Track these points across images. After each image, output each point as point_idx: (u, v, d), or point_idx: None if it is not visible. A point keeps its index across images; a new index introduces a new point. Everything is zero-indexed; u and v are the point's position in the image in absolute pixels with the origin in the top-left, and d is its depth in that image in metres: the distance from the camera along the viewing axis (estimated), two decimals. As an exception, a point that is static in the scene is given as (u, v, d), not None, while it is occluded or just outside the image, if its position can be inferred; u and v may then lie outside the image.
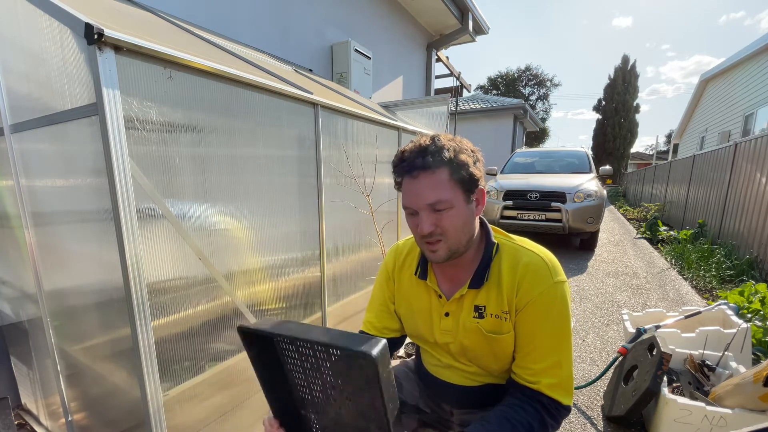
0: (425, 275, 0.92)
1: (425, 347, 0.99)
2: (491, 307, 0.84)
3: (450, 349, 0.90)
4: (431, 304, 0.92)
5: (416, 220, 0.80)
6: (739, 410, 1.41)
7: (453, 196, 0.77)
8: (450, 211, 0.78)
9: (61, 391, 1.39)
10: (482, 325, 0.84)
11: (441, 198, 0.76)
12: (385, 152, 2.19)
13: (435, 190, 0.76)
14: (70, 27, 0.88)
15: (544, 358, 0.79)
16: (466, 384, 0.92)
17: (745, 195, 4.09)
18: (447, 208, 0.77)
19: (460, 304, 0.87)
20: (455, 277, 0.89)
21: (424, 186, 0.77)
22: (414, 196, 0.78)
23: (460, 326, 0.86)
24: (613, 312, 3.05)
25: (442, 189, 0.77)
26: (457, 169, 0.77)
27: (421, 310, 0.94)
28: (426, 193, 0.77)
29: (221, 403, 1.27)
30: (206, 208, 1.19)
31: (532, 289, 0.80)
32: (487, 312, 0.84)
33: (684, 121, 14.12)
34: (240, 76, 1.20)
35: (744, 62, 8.82)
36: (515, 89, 30.00)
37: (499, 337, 0.83)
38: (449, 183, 0.77)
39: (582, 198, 4.62)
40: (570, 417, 1.81)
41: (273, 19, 3.01)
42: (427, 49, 5.72)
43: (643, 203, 9.56)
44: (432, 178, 0.77)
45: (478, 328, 0.84)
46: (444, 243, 0.79)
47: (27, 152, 1.26)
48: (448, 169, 0.77)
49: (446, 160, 0.76)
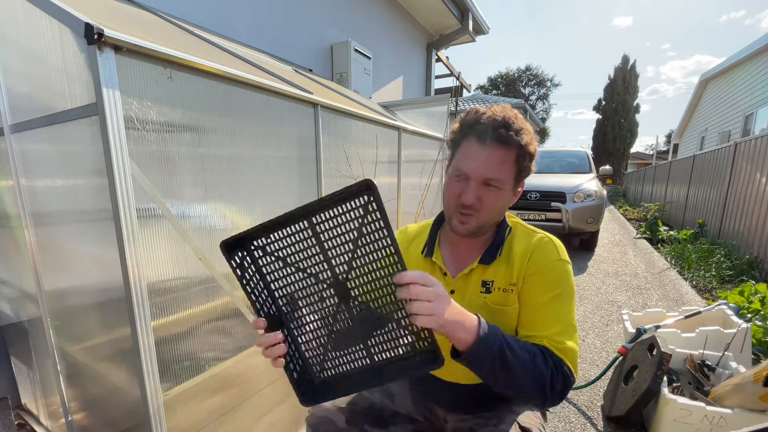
0: (432, 253, 0.93)
1: None
2: (499, 281, 0.84)
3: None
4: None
5: (461, 186, 0.79)
6: (739, 410, 1.41)
7: (508, 179, 0.78)
8: (498, 191, 0.78)
9: (61, 391, 1.39)
10: (489, 299, 0.84)
11: (500, 176, 0.77)
12: (385, 152, 2.19)
13: (499, 165, 0.76)
14: (70, 27, 0.88)
15: (550, 326, 0.77)
16: (461, 381, 0.91)
17: (745, 195, 4.09)
18: (497, 187, 0.78)
19: (467, 281, 0.88)
20: (463, 256, 0.90)
21: (492, 158, 0.76)
22: (475, 162, 0.77)
23: (466, 303, 0.85)
24: (613, 312, 3.05)
25: (505, 168, 0.77)
26: (524, 155, 0.78)
27: None
28: (491, 165, 0.76)
29: (221, 403, 1.27)
30: (206, 208, 1.18)
31: (540, 260, 0.81)
32: (495, 286, 0.84)
33: (684, 121, 14.12)
34: (240, 76, 1.20)
35: (744, 62, 8.82)
36: (515, 89, 30.01)
37: (505, 309, 0.83)
38: (513, 165, 0.78)
39: (582, 198, 4.62)
40: (570, 417, 1.81)
41: (273, 19, 3.01)
42: (427, 49, 5.72)
43: (643, 203, 9.56)
44: (501, 153, 0.76)
45: (485, 302, 0.84)
46: (476, 218, 0.80)
47: (27, 152, 1.26)
48: (517, 152, 0.77)
49: (522, 143, 0.76)
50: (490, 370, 0.68)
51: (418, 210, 2.51)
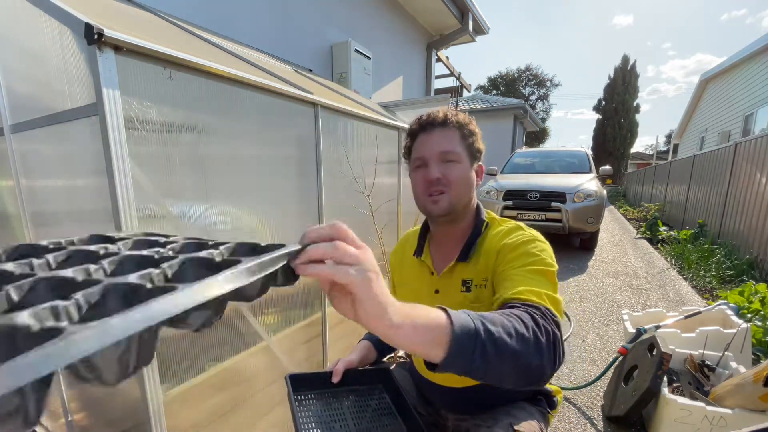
0: (421, 253, 0.95)
1: None
2: (476, 279, 0.86)
3: None
4: (425, 282, 0.94)
5: (424, 172, 0.86)
6: (739, 410, 1.41)
7: (462, 152, 0.85)
8: (457, 164, 0.85)
9: (61, 391, 1.40)
10: (469, 297, 0.86)
11: (452, 149, 0.84)
12: (385, 152, 2.19)
13: (449, 141, 0.85)
14: (70, 27, 0.88)
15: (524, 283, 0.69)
16: (455, 385, 0.91)
17: (745, 195, 4.09)
18: (455, 161, 0.84)
19: (450, 279, 0.89)
20: (447, 253, 0.91)
21: (438, 137, 0.85)
22: (426, 146, 0.86)
23: (449, 303, 0.84)
24: (613, 312, 3.05)
25: (454, 142, 0.85)
26: (467, 135, 0.86)
27: (417, 289, 0.96)
28: (440, 142, 0.85)
29: (221, 403, 1.27)
30: (206, 208, 1.18)
31: (505, 238, 0.83)
32: (473, 284, 0.86)
33: (684, 121, 14.13)
34: (240, 76, 1.20)
35: (744, 62, 8.82)
36: (515, 89, 30.02)
37: (480, 306, 0.83)
38: (460, 142, 0.86)
39: (582, 198, 4.62)
40: (570, 417, 1.81)
41: (273, 19, 3.01)
42: (427, 49, 5.72)
43: (643, 203, 9.55)
44: (445, 133, 0.85)
45: (465, 301, 0.86)
46: (447, 195, 0.84)
47: (27, 152, 1.26)
48: (460, 132, 0.86)
49: (460, 123, 0.86)
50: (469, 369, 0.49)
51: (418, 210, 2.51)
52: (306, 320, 1.69)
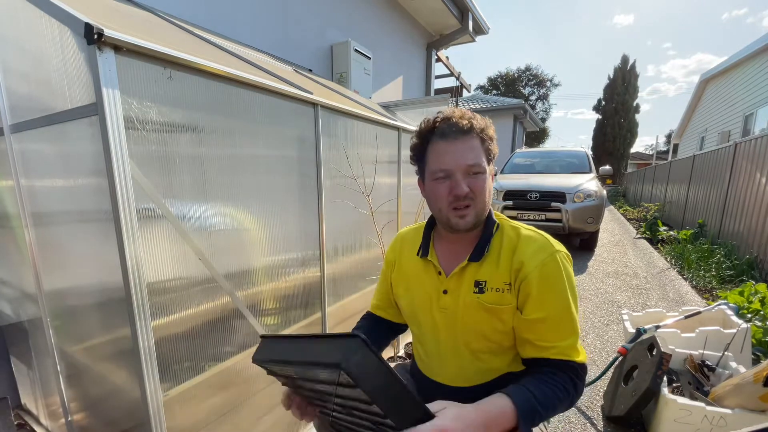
0: (427, 252, 0.94)
1: (419, 335, 0.98)
2: (492, 282, 0.85)
3: (443, 330, 0.90)
4: (431, 282, 0.93)
5: (449, 184, 0.82)
6: (739, 410, 1.41)
7: (484, 163, 0.83)
8: (482, 176, 0.83)
9: (61, 391, 1.40)
10: (483, 299, 0.84)
11: (478, 161, 0.81)
12: (385, 152, 2.19)
13: (473, 152, 0.81)
14: (69, 27, 0.88)
15: (558, 326, 0.79)
16: (458, 384, 0.91)
17: (745, 195, 4.09)
18: (480, 172, 0.82)
19: (460, 280, 0.88)
20: (456, 253, 0.91)
21: (463, 149, 0.81)
22: (451, 158, 0.81)
23: (460, 303, 0.86)
24: (613, 312, 3.05)
25: (477, 153, 0.82)
26: (486, 140, 0.84)
27: (419, 289, 0.95)
28: (466, 155, 0.81)
29: (221, 404, 1.27)
30: (206, 208, 1.18)
31: (533, 258, 0.82)
32: (488, 287, 0.85)
33: (684, 121, 14.12)
34: (240, 76, 1.20)
35: (744, 62, 8.82)
36: (515, 89, 30.00)
37: (502, 308, 0.83)
38: (481, 149, 0.83)
39: (582, 198, 4.62)
40: (570, 417, 1.81)
41: (273, 19, 3.01)
42: (427, 49, 5.72)
43: (643, 203, 9.56)
44: (469, 143, 0.82)
45: (479, 302, 0.85)
46: (473, 208, 0.83)
47: (27, 152, 1.26)
48: (479, 138, 0.83)
49: (481, 129, 0.83)
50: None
51: (418, 210, 2.51)
52: (306, 320, 1.69)
